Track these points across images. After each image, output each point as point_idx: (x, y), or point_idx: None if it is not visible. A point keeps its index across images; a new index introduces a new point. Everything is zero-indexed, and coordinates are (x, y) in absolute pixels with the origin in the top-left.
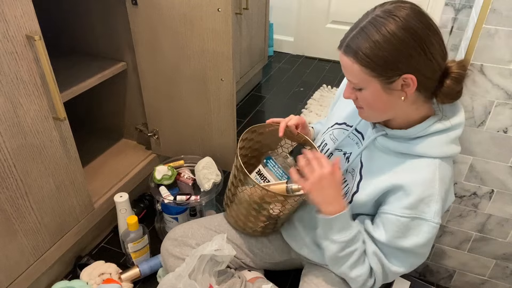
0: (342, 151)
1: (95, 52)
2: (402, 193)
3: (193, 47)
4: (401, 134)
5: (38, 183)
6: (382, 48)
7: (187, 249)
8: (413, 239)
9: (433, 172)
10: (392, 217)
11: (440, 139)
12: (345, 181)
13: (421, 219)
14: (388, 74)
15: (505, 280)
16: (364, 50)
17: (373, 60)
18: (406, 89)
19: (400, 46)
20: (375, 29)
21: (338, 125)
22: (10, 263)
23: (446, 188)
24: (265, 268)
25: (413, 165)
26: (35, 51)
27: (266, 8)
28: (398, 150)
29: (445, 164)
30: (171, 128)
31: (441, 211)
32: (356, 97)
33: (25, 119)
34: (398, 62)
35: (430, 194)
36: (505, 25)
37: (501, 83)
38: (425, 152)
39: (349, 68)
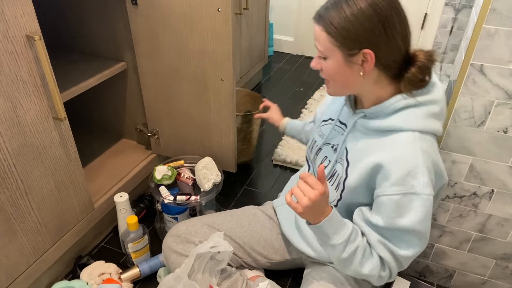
0: (330, 144)
1: (95, 52)
2: (387, 171)
3: (193, 47)
4: (376, 110)
5: (38, 183)
6: (348, 20)
7: (191, 246)
8: (410, 216)
9: (413, 144)
10: (384, 198)
11: (415, 112)
12: (336, 172)
13: (412, 194)
14: (350, 46)
15: (505, 280)
16: (332, 20)
17: (338, 30)
18: (365, 64)
19: (364, 21)
20: (346, 4)
21: (325, 122)
22: (10, 263)
23: (433, 160)
24: (265, 268)
25: (392, 140)
26: (35, 51)
27: (266, 8)
28: (377, 128)
29: (426, 137)
30: (171, 128)
31: (430, 182)
32: (321, 67)
33: (25, 119)
34: (360, 35)
35: (415, 166)
36: (505, 25)
37: (501, 83)
38: (402, 125)
39: (317, 36)
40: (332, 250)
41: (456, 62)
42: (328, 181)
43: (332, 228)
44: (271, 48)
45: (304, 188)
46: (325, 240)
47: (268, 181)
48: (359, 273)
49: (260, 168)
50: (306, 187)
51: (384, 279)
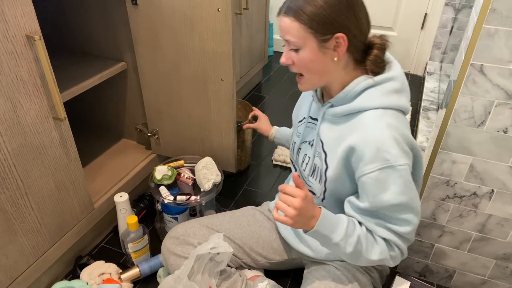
0: (306, 141)
1: (95, 52)
2: (359, 152)
3: (193, 47)
4: (340, 96)
5: (38, 183)
6: (319, 6)
7: (189, 248)
8: (390, 189)
9: (377, 120)
10: (363, 178)
11: (375, 91)
12: (316, 165)
13: (387, 168)
14: (323, 31)
15: (505, 280)
16: (304, 9)
17: (311, 17)
18: (338, 49)
19: (334, 5)
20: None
21: (300, 122)
22: (10, 263)
23: (400, 132)
24: (265, 268)
25: (358, 121)
26: (35, 51)
27: (266, 8)
28: (343, 113)
29: (390, 112)
30: (171, 128)
31: (402, 152)
32: (293, 61)
33: (25, 119)
34: (333, 19)
35: (382, 140)
36: (505, 25)
37: (501, 83)
38: (365, 105)
39: (288, 27)
40: (337, 248)
41: (456, 62)
42: (312, 176)
43: (328, 227)
44: (271, 48)
45: (286, 199)
46: (327, 241)
47: (268, 181)
48: (370, 261)
49: (260, 168)
50: (287, 198)
51: (397, 258)
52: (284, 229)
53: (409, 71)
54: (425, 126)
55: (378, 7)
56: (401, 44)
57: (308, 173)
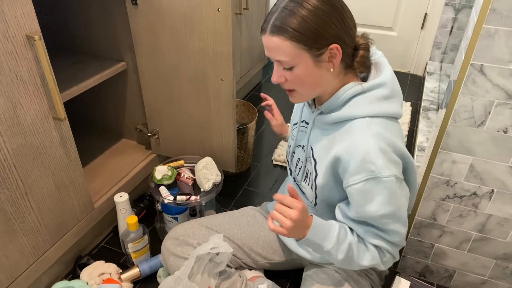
0: (300, 145)
1: (95, 52)
2: (345, 163)
3: (193, 47)
4: (330, 104)
5: (38, 183)
6: (309, 20)
7: (189, 249)
8: (375, 201)
9: (363, 130)
10: (349, 189)
11: (363, 99)
12: (308, 171)
13: (372, 179)
14: (318, 46)
15: (505, 280)
16: (293, 25)
17: (303, 33)
18: (333, 59)
19: (324, 16)
20: (298, 5)
21: (294, 125)
22: (10, 263)
23: (388, 141)
24: (265, 268)
25: (345, 130)
26: (35, 51)
27: (266, 8)
28: (332, 121)
29: (378, 120)
30: (171, 128)
31: (389, 162)
32: (286, 79)
33: (25, 119)
34: (325, 32)
35: (367, 150)
36: (505, 25)
37: (501, 83)
38: (353, 114)
39: (279, 47)
40: (329, 255)
41: (456, 62)
42: (304, 181)
43: (319, 235)
44: None
45: (283, 210)
46: (318, 248)
47: (268, 181)
48: (362, 266)
49: (260, 168)
50: (284, 209)
51: (389, 263)
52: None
53: (409, 71)
54: (425, 126)
55: (378, 7)
56: (401, 44)
57: (301, 177)
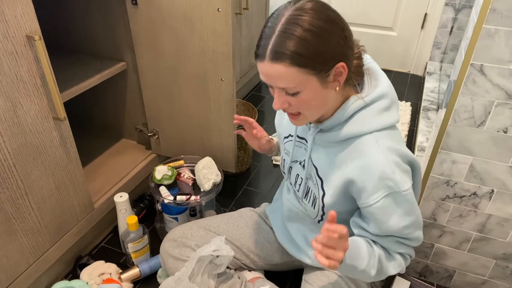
0: (297, 161)
1: (95, 52)
2: (360, 184)
3: (193, 47)
4: (332, 122)
5: (38, 183)
6: (314, 42)
7: (187, 250)
8: (397, 213)
9: (374, 147)
10: (369, 209)
11: (366, 113)
12: (309, 188)
13: (392, 193)
14: (326, 67)
15: (505, 280)
16: (297, 50)
17: (309, 57)
18: (338, 78)
19: (328, 36)
20: (298, 27)
21: (286, 138)
22: (10, 263)
23: (398, 152)
24: (265, 269)
25: (354, 148)
26: (35, 51)
27: (266, 8)
28: (337, 139)
29: (384, 133)
30: (171, 128)
31: (404, 175)
32: (289, 104)
33: (25, 119)
34: (331, 52)
35: (383, 168)
36: (505, 25)
37: (501, 83)
38: (359, 130)
39: (283, 75)
40: (362, 274)
41: (456, 62)
42: (305, 198)
43: (353, 257)
44: None
45: (332, 243)
46: (353, 270)
47: (268, 181)
48: (389, 274)
49: (260, 168)
50: (334, 241)
51: (408, 262)
52: (282, 237)
53: (409, 71)
54: (425, 126)
55: (378, 7)
56: (401, 44)
57: (302, 194)
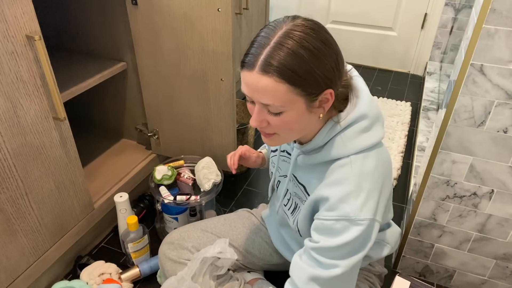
0: (286, 176)
1: (95, 52)
2: (324, 201)
3: (193, 47)
4: (311, 146)
5: (38, 183)
6: (311, 63)
7: (184, 252)
8: (341, 237)
9: (346, 170)
10: (317, 221)
11: (344, 137)
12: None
13: (345, 220)
14: (316, 91)
15: (505, 280)
16: (293, 66)
17: (303, 77)
18: (324, 104)
19: (325, 59)
20: (294, 42)
21: (273, 152)
22: (10, 263)
23: (371, 179)
24: (264, 270)
25: (331, 170)
26: (35, 51)
27: (266, 8)
28: (316, 162)
29: (361, 157)
30: (171, 128)
31: (364, 205)
32: (268, 123)
33: (25, 119)
34: (324, 75)
35: (347, 192)
36: (505, 25)
37: (501, 83)
38: (336, 154)
39: (271, 90)
40: None
41: (456, 62)
42: (291, 214)
43: None
44: None
45: None
46: None
47: (268, 181)
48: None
49: (260, 168)
50: None
51: None
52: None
53: (409, 71)
54: (425, 126)
55: (378, 7)
56: (401, 44)
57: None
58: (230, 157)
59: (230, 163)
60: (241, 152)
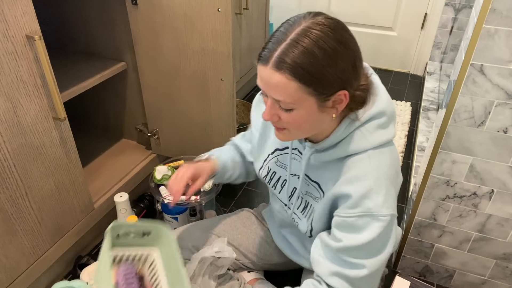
0: (295, 175)
1: (95, 52)
2: (345, 198)
3: (193, 47)
4: (328, 143)
5: (38, 183)
6: (325, 62)
7: (184, 252)
8: (364, 234)
9: (365, 165)
10: (338, 219)
11: (362, 133)
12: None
13: (368, 216)
14: (329, 92)
15: (505, 280)
16: (306, 66)
17: (315, 76)
18: (337, 105)
19: (340, 60)
20: (310, 40)
21: (280, 151)
22: (10, 263)
23: (388, 174)
24: (264, 269)
25: (348, 166)
26: (35, 51)
27: (266, 8)
28: (331, 158)
29: (378, 152)
30: (171, 128)
31: (385, 201)
32: (279, 118)
33: (25, 119)
34: (337, 76)
35: (368, 188)
36: (505, 25)
37: (501, 83)
38: (353, 149)
39: (282, 87)
40: None
41: (456, 62)
42: (302, 213)
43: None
44: None
45: None
46: None
47: None
48: None
49: None
50: None
51: None
52: (279, 240)
53: (409, 71)
54: (425, 126)
55: (378, 7)
56: (401, 44)
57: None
58: (174, 184)
59: (174, 191)
60: (190, 175)
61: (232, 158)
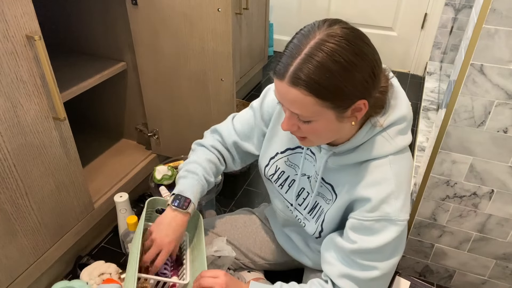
0: (305, 175)
1: (95, 52)
2: (364, 202)
3: (193, 47)
4: (346, 147)
5: (38, 183)
6: (341, 77)
7: None
8: (380, 238)
9: (386, 170)
10: (355, 221)
11: (383, 138)
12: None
13: (385, 220)
14: (346, 104)
15: (505, 280)
16: (321, 81)
17: (331, 91)
18: (356, 113)
19: (357, 73)
20: (325, 55)
21: (292, 150)
22: (10, 263)
23: (406, 180)
24: (265, 269)
25: (367, 170)
26: (35, 51)
27: (266, 8)
28: (350, 162)
29: (398, 158)
30: (171, 128)
31: (404, 206)
32: (299, 127)
33: (25, 119)
34: (355, 89)
35: (388, 192)
36: (505, 25)
37: (501, 83)
38: (374, 154)
39: (299, 102)
40: None
41: (456, 62)
42: (310, 214)
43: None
44: (271, 48)
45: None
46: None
47: None
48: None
49: None
50: (210, 280)
51: None
52: (281, 239)
53: (409, 71)
54: (425, 126)
55: (378, 7)
56: (401, 44)
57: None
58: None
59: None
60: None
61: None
